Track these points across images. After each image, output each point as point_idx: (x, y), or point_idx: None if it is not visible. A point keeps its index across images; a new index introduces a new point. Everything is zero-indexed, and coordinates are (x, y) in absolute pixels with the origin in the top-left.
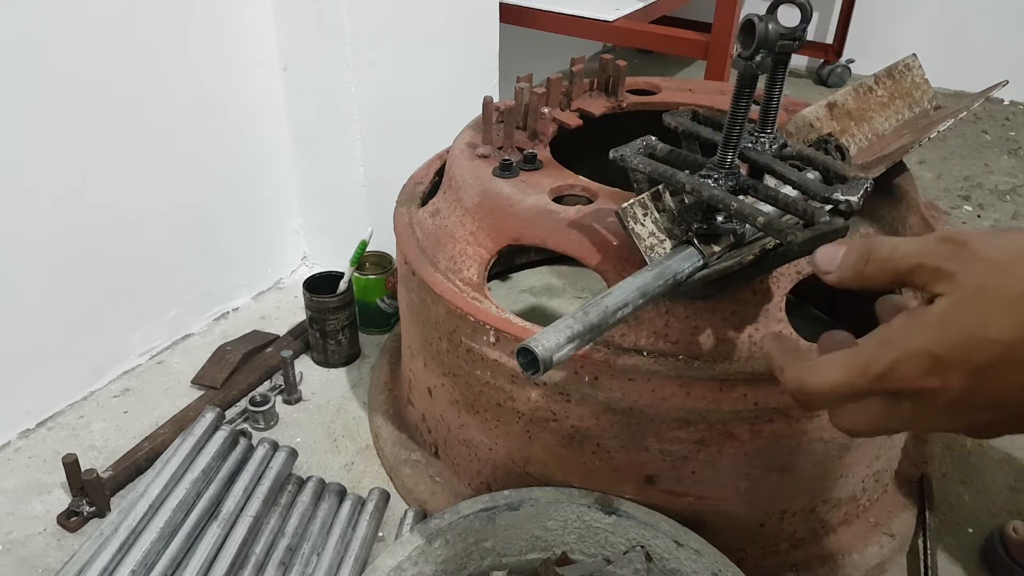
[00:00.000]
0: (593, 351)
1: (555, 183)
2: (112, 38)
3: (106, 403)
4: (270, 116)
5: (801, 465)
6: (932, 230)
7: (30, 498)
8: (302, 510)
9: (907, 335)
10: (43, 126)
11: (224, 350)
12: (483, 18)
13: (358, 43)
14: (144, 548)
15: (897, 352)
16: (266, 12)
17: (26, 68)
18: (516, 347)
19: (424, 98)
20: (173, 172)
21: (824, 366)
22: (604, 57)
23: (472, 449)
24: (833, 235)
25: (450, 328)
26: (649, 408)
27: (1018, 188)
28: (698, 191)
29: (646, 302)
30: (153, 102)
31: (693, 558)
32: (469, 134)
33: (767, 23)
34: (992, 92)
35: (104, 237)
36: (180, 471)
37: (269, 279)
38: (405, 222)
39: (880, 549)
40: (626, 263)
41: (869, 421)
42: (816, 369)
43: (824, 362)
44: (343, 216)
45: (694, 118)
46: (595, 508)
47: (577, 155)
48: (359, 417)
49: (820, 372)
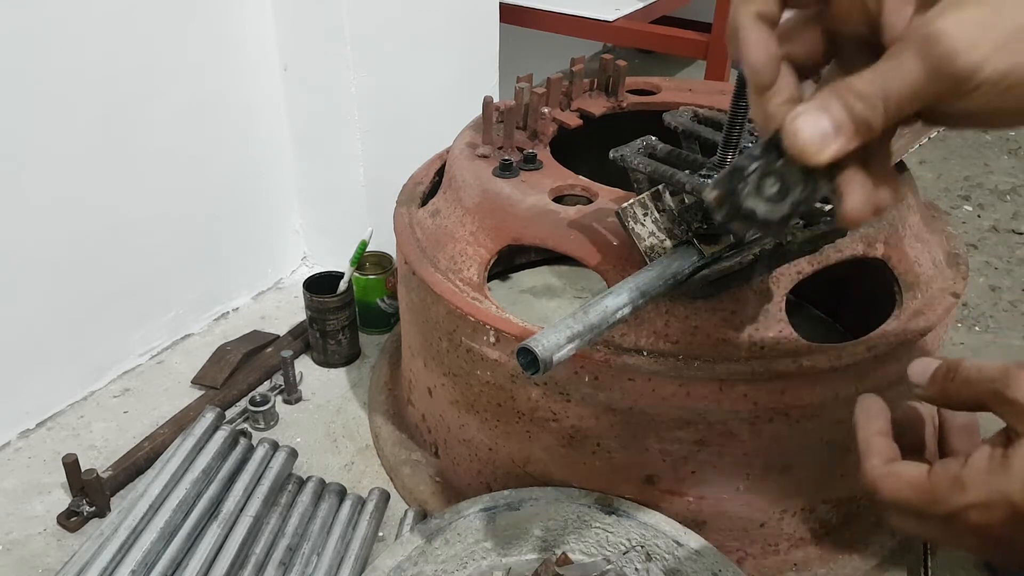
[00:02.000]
0: (593, 351)
1: (555, 183)
2: (112, 38)
3: (106, 403)
4: (270, 116)
5: (801, 465)
6: (932, 230)
7: (30, 498)
8: (302, 510)
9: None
10: (43, 126)
11: (224, 350)
12: (483, 18)
13: (358, 43)
14: (144, 548)
15: (972, 498)
16: (266, 12)
17: (26, 68)
18: (516, 347)
19: (424, 98)
20: (173, 172)
21: (899, 479)
22: (604, 57)
23: (472, 449)
24: (833, 235)
25: (450, 328)
26: (649, 408)
27: (1018, 188)
28: (698, 191)
29: (646, 302)
30: (153, 102)
31: (693, 558)
32: (469, 134)
33: None
34: None
35: (104, 237)
36: (180, 471)
37: (269, 279)
38: (405, 222)
39: (880, 549)
40: (626, 263)
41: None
42: (891, 478)
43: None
44: (343, 216)
45: (694, 118)
46: (595, 508)
47: (577, 155)
48: (359, 417)
49: (893, 484)
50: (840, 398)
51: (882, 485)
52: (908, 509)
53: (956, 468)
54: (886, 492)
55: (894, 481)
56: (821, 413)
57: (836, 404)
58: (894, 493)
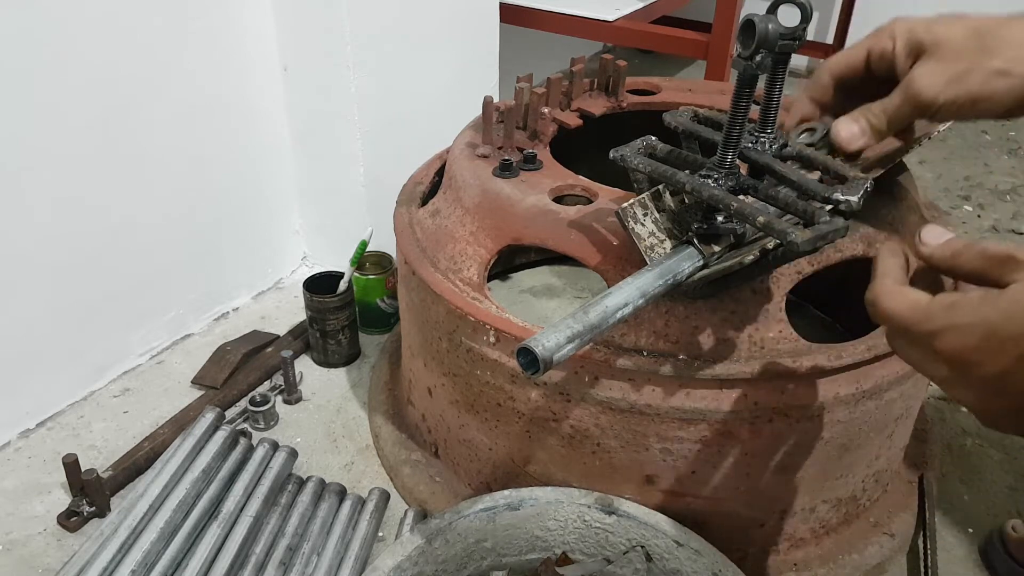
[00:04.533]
0: (593, 351)
1: (555, 183)
2: (112, 39)
3: (106, 403)
4: (270, 116)
5: (801, 465)
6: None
7: (30, 498)
8: (302, 510)
9: (973, 306)
10: (44, 127)
11: (224, 350)
12: (483, 18)
13: (358, 43)
14: (144, 548)
15: (958, 319)
16: (266, 12)
17: (26, 69)
18: (516, 347)
19: (424, 98)
20: (173, 172)
21: (897, 297)
22: (604, 57)
23: (472, 449)
24: (833, 235)
25: (450, 328)
26: (649, 408)
27: (1018, 188)
28: (698, 191)
29: (646, 302)
30: (153, 103)
31: (693, 558)
32: (469, 134)
33: (767, 23)
34: None
35: (104, 237)
36: (180, 471)
37: (269, 279)
38: (405, 222)
39: (880, 549)
40: (626, 263)
41: (911, 360)
42: (892, 296)
43: (900, 294)
44: (343, 216)
45: (694, 118)
46: (595, 508)
47: (577, 155)
48: (359, 417)
49: (892, 301)
50: (840, 398)
51: (885, 300)
52: (900, 326)
53: (955, 296)
54: (886, 306)
55: (898, 298)
56: (821, 413)
57: (836, 404)
58: (893, 308)
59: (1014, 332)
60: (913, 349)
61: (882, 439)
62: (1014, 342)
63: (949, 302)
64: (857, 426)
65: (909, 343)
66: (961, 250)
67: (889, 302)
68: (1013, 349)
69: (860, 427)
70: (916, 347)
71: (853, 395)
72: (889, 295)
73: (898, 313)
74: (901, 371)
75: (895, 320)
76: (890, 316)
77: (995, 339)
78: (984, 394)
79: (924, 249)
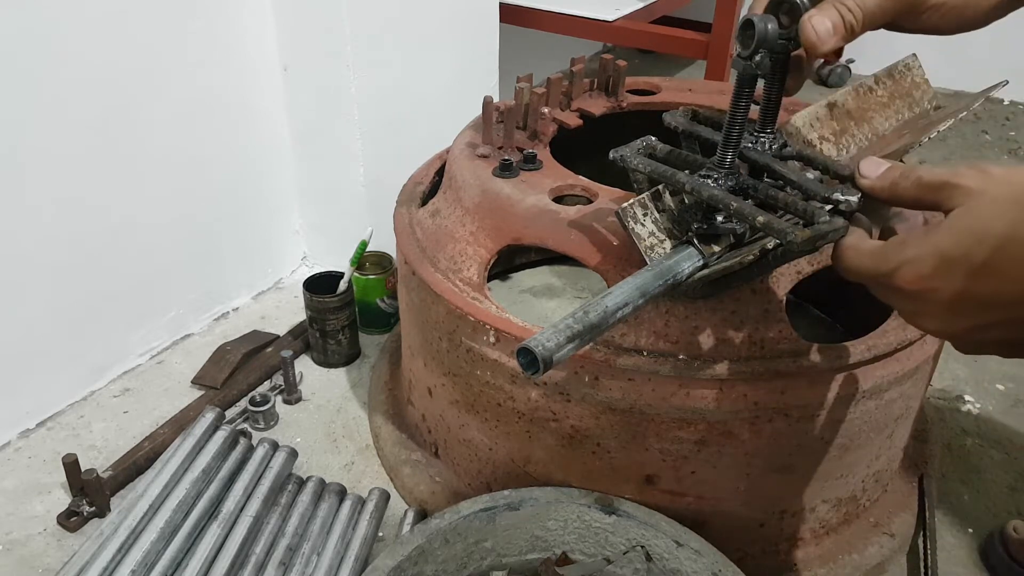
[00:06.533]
0: (593, 351)
1: (555, 183)
2: (112, 38)
3: (106, 403)
4: (270, 116)
5: (801, 465)
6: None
7: (30, 498)
8: (302, 510)
9: (920, 239)
10: (44, 127)
11: (224, 350)
12: (483, 18)
13: (358, 43)
14: (144, 548)
15: (908, 254)
16: (266, 12)
17: (26, 69)
18: (516, 347)
19: (424, 98)
20: (173, 172)
21: (860, 253)
22: (604, 57)
23: (472, 449)
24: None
25: (450, 328)
26: (649, 408)
27: None
28: (698, 191)
29: (646, 302)
30: (153, 102)
31: (693, 558)
32: (469, 134)
33: (766, 23)
34: (992, 92)
35: (104, 237)
36: (180, 471)
37: (269, 279)
38: (405, 222)
39: (880, 549)
40: (626, 263)
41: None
42: (852, 251)
43: (857, 247)
44: (343, 216)
45: (694, 118)
46: (595, 508)
47: (577, 155)
48: (359, 417)
49: (855, 257)
50: (840, 398)
51: (846, 256)
52: (866, 275)
53: (904, 235)
54: (849, 261)
55: (857, 251)
56: (821, 413)
57: (836, 404)
58: (854, 261)
59: (959, 254)
60: (883, 292)
61: (882, 439)
62: (961, 263)
63: (899, 240)
64: (857, 426)
65: (879, 288)
66: (898, 179)
67: (851, 256)
68: (961, 269)
69: (860, 427)
70: (883, 289)
71: (853, 395)
72: (850, 250)
73: (859, 264)
74: (901, 371)
75: (860, 271)
76: (856, 269)
77: (944, 263)
78: (948, 318)
79: (864, 182)
